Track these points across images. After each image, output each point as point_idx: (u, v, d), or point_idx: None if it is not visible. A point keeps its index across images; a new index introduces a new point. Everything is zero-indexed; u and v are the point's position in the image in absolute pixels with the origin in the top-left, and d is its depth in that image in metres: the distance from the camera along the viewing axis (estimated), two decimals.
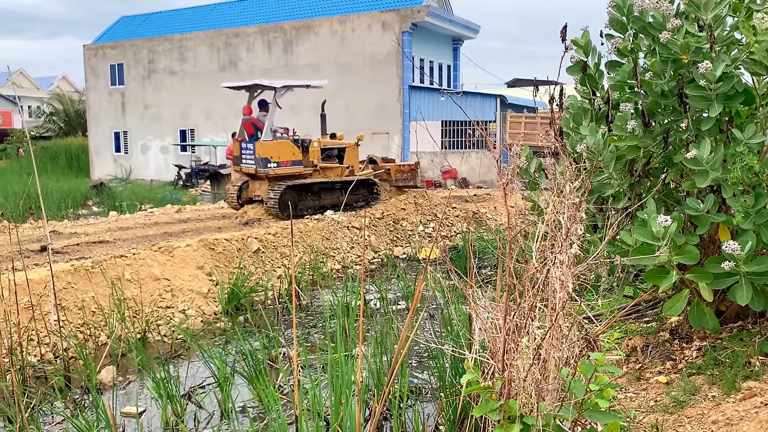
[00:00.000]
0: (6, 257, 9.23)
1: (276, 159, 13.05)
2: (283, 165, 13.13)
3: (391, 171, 15.93)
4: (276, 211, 12.89)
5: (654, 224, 3.45)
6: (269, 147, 13.03)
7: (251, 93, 13.95)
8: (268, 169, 12.99)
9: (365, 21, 26.11)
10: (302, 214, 13.46)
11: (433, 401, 5.51)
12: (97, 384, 6.29)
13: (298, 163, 13.39)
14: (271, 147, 13.05)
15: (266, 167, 12.96)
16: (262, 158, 12.95)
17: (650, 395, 3.85)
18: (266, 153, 12.97)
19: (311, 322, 8.50)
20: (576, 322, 2.80)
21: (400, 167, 16.23)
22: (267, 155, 12.97)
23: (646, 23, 3.93)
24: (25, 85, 58.28)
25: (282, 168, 13.14)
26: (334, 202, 14.02)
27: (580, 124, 4.31)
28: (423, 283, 3.12)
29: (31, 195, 17.65)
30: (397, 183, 15.94)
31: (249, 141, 13.23)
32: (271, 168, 13.00)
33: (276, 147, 13.12)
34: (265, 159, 12.94)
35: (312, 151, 13.85)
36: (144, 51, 31.90)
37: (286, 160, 13.17)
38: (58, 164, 34.85)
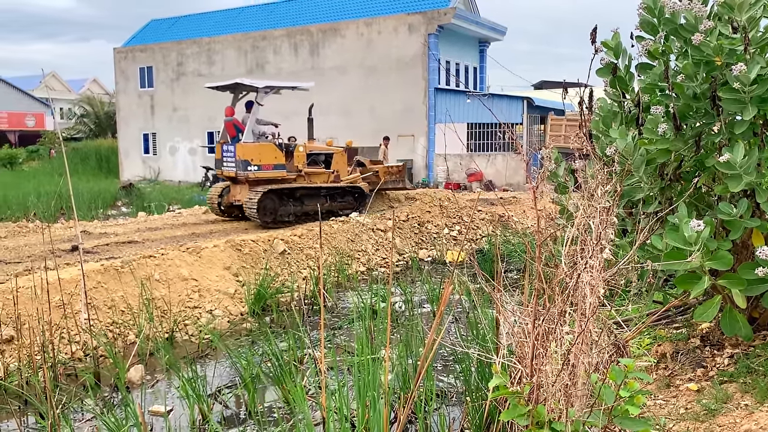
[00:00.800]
0: (39, 256, 9.41)
1: (257, 162, 12.53)
2: (264, 168, 12.60)
3: (379, 173, 15.41)
4: (255, 217, 12.25)
5: (686, 229, 3.39)
6: (250, 149, 12.55)
7: (235, 94, 13.57)
8: (248, 172, 12.46)
9: (391, 23, 26.14)
10: (283, 220, 12.83)
11: (458, 405, 5.49)
12: (125, 382, 6.38)
13: (281, 167, 12.86)
14: (251, 149, 12.57)
15: (246, 170, 12.44)
16: (242, 160, 12.44)
17: (680, 403, 3.79)
18: (247, 155, 12.48)
19: (336, 323, 8.53)
20: (606, 327, 2.76)
21: (388, 169, 15.73)
22: (247, 157, 12.47)
23: (677, 25, 3.87)
24: (57, 88, 59.46)
25: (263, 171, 12.60)
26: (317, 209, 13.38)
27: (609, 127, 4.26)
28: (450, 286, 3.11)
29: (63, 195, 17.99)
30: (386, 185, 15.42)
31: (231, 143, 12.80)
32: (251, 171, 12.47)
33: (257, 149, 12.61)
34: (245, 161, 12.43)
35: (297, 156, 13.27)
36: (173, 54, 32.32)
37: (267, 164, 12.64)
38: (89, 165, 35.45)
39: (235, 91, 13.52)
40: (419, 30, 25.41)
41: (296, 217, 13.09)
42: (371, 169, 15.36)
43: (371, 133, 26.00)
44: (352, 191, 14.23)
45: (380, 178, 15.34)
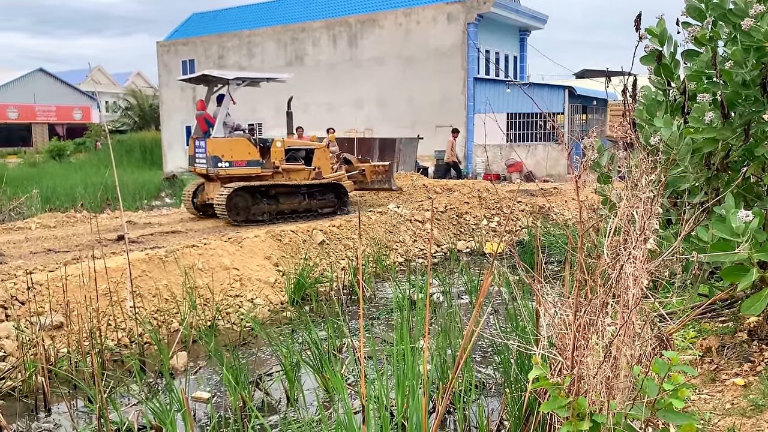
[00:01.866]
0: (86, 246, 9.69)
1: (228, 158, 11.76)
2: (236, 164, 11.84)
3: (366, 172, 14.72)
4: (225, 215, 11.54)
5: (733, 220, 3.31)
6: (220, 144, 11.82)
7: (209, 87, 12.81)
8: (218, 169, 11.72)
9: (430, 13, 25.99)
10: (256, 219, 12.05)
11: (497, 396, 5.47)
12: (170, 368, 6.53)
13: (255, 164, 12.06)
14: (222, 144, 11.83)
15: (216, 166, 11.72)
16: (213, 156, 11.70)
17: (726, 398, 3.71)
18: (217, 151, 11.74)
19: (374, 313, 8.57)
20: (649, 319, 2.72)
21: (375, 168, 14.89)
22: (218, 153, 11.73)
23: (726, 10, 3.77)
24: (103, 82, 60.94)
25: (235, 168, 11.84)
26: (294, 207, 12.65)
27: (654, 116, 4.17)
28: (490, 277, 3.10)
29: (109, 186, 18.47)
30: (373, 185, 14.80)
31: (202, 138, 12.11)
32: (222, 167, 11.74)
33: (228, 144, 11.86)
34: (215, 157, 11.70)
35: (274, 152, 12.43)
36: (214, 47, 32.77)
37: (240, 160, 11.86)
38: (133, 157, 36.30)
39: (207, 84, 12.82)
40: (458, 19, 25.21)
41: (270, 216, 12.31)
42: (357, 167, 14.60)
43: (409, 124, 25.95)
44: (334, 189, 13.26)
45: (367, 177, 14.69)
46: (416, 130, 23.94)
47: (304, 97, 29.79)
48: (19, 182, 21.23)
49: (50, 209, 16.74)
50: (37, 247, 9.86)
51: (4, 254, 9.24)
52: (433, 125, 25.70)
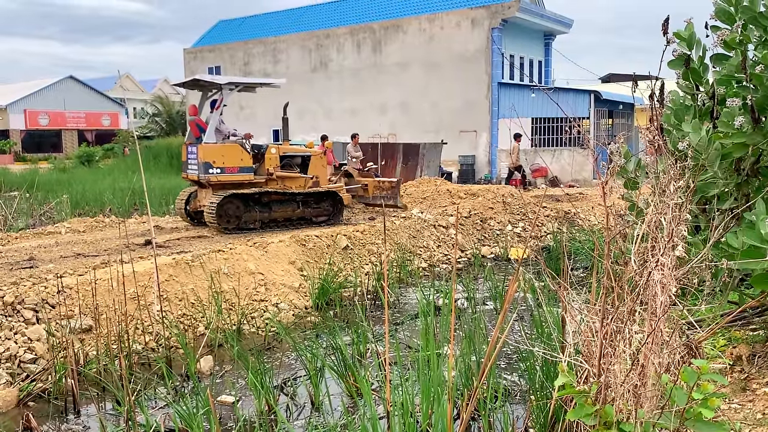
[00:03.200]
0: (114, 250, 9.84)
1: (219, 164, 11.48)
2: (228, 171, 11.55)
3: (368, 186, 14.29)
4: (215, 223, 11.32)
5: (763, 226, 3.25)
6: (212, 150, 11.51)
7: (203, 92, 12.58)
8: (210, 175, 11.44)
9: (454, 18, 25.99)
10: (248, 227, 11.79)
11: (522, 404, 5.43)
12: (196, 372, 6.60)
13: (248, 170, 11.76)
14: (214, 150, 11.52)
15: (207, 172, 11.43)
16: (204, 162, 11.42)
17: (757, 407, 3.64)
18: (209, 157, 11.44)
19: (398, 319, 8.57)
20: (677, 327, 2.69)
21: (379, 183, 14.43)
22: (209, 159, 11.43)
23: (756, 13, 3.71)
24: (131, 88, 61.95)
25: (227, 174, 11.55)
26: (288, 216, 12.31)
27: (682, 121, 4.12)
28: (515, 283, 3.09)
29: (136, 191, 18.73)
30: (375, 200, 14.25)
31: (195, 144, 11.81)
32: (213, 174, 11.45)
33: (220, 151, 11.56)
34: (206, 163, 11.42)
35: (268, 158, 12.15)
36: (240, 53, 33.13)
37: (231, 166, 11.58)
38: (160, 163, 36.72)
39: (201, 89, 12.60)
40: (482, 24, 25.16)
41: (263, 224, 12.01)
42: (359, 181, 14.31)
43: (433, 129, 25.95)
44: (330, 198, 12.84)
45: (368, 192, 14.31)
46: (440, 135, 23.93)
47: (329, 103, 29.97)
48: (50, 187, 21.63)
49: (79, 214, 17.02)
50: (67, 252, 10.04)
51: (35, 258, 9.43)
52: (456, 130, 25.67)
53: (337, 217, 12.89)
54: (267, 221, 12.08)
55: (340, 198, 12.83)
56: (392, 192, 14.25)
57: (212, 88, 12.27)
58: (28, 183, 21.18)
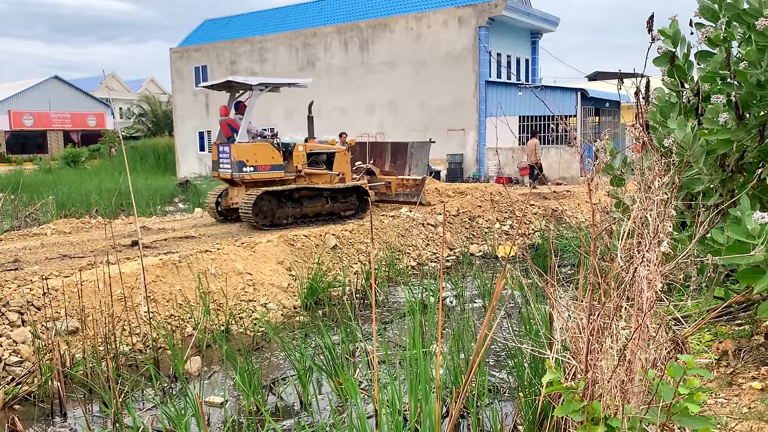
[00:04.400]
0: (101, 251, 9.77)
1: (252, 162, 11.92)
2: (260, 169, 11.99)
3: (392, 184, 14.61)
4: (251, 219, 11.67)
5: (749, 221, 3.27)
6: (245, 149, 11.93)
7: (231, 93, 12.99)
8: (243, 173, 11.87)
9: (441, 17, 26.00)
10: (281, 223, 12.19)
11: (511, 401, 5.45)
12: (184, 373, 6.57)
13: (278, 168, 12.23)
14: (247, 149, 11.94)
15: (241, 171, 11.86)
16: (238, 161, 11.85)
17: (743, 401, 3.66)
18: (242, 156, 11.87)
19: (387, 317, 8.57)
20: (664, 322, 2.70)
21: (403, 181, 14.73)
22: (242, 158, 11.86)
23: (740, 10, 3.73)
24: (117, 88, 61.48)
25: (259, 172, 11.98)
26: (317, 211, 12.78)
27: (667, 118, 4.14)
28: (503, 280, 3.09)
29: (123, 192, 18.61)
30: (398, 197, 14.59)
31: (226, 143, 12.22)
32: (247, 172, 11.88)
33: (253, 150, 11.99)
34: (240, 162, 11.84)
35: (296, 156, 12.64)
36: (226, 53, 32.96)
37: (264, 164, 12.02)
38: (147, 163, 36.53)
39: (230, 90, 12.98)
40: (469, 23, 25.20)
41: (295, 219, 12.46)
42: (382, 179, 14.66)
43: (421, 128, 25.96)
44: (355, 192, 13.40)
45: (391, 190, 14.62)
46: (428, 134, 23.94)
47: (317, 102, 29.83)
48: (35, 188, 21.44)
49: (65, 215, 16.88)
50: (53, 253, 9.95)
51: (20, 260, 9.34)
52: (445, 129, 25.69)
53: (363, 211, 13.42)
54: (299, 216, 12.52)
55: (365, 191, 13.38)
56: (416, 189, 14.63)
57: (243, 89, 12.64)
58: (12, 184, 20.98)
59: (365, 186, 13.49)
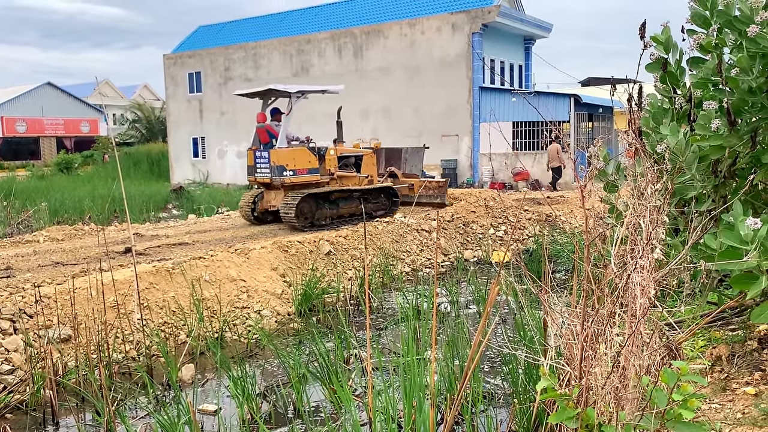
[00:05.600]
0: (94, 258, 9.72)
1: (292, 167, 12.50)
2: (299, 173, 12.61)
3: (414, 186, 15.29)
4: (293, 221, 12.20)
5: (741, 227, 3.28)
6: (285, 154, 12.48)
7: (264, 100, 13.48)
8: (284, 177, 12.43)
9: (435, 23, 26.08)
10: (320, 224, 12.81)
11: (505, 407, 5.44)
12: (177, 381, 6.53)
13: (315, 171, 12.87)
14: (286, 154, 12.50)
15: (282, 175, 12.42)
16: (278, 166, 12.39)
17: (737, 407, 3.67)
18: (282, 161, 12.42)
19: (381, 324, 8.55)
20: (657, 329, 2.70)
21: (426, 183, 15.54)
22: (282, 163, 12.41)
23: (731, 17, 3.75)
24: (110, 95, 61.33)
25: (298, 176, 12.60)
26: (352, 211, 13.50)
27: (660, 124, 4.16)
28: (497, 287, 3.09)
29: (116, 199, 18.54)
30: (420, 199, 15.29)
31: (263, 149, 12.73)
32: (287, 176, 12.46)
33: (292, 154, 12.57)
34: (280, 167, 12.40)
35: (328, 159, 13.26)
36: (220, 59, 32.95)
37: (302, 168, 12.65)
38: (140, 169, 36.44)
39: (264, 97, 13.42)
40: (463, 29, 25.27)
41: (332, 220, 13.07)
42: (404, 181, 15.32)
43: (415, 134, 25.98)
44: (385, 192, 14.24)
45: (414, 191, 15.22)
46: (422, 140, 23.95)
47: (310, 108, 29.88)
48: (28, 195, 21.34)
49: (58, 222, 16.81)
50: (45, 260, 9.90)
51: (12, 268, 9.28)
52: (439, 134, 25.72)
53: (392, 210, 14.26)
54: (336, 217, 13.23)
55: (395, 192, 14.25)
56: (439, 191, 15.37)
57: (282, 96, 13.14)
58: (5, 191, 20.87)
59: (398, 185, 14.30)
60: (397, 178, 15.26)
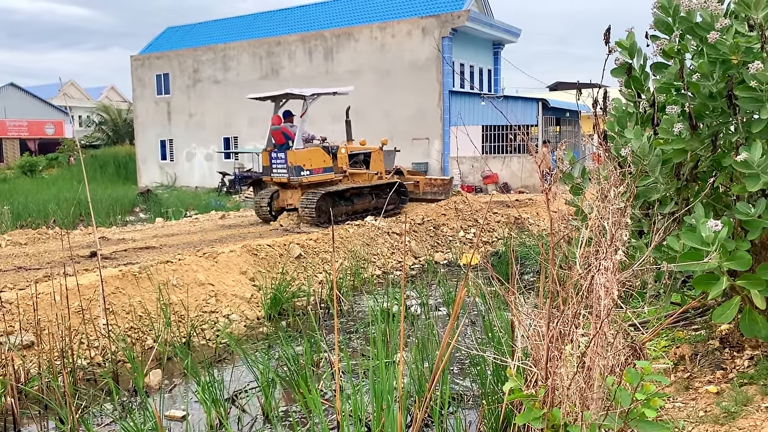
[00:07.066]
0: (58, 263, 9.52)
1: (308, 167, 13.09)
2: (315, 172, 13.20)
3: (419, 183, 15.96)
4: (312, 219, 12.79)
5: (703, 229, 3.35)
6: (301, 155, 13.06)
7: (277, 102, 13.97)
8: (301, 177, 13.00)
9: (405, 27, 26.16)
10: (337, 220, 13.41)
11: (474, 408, 5.47)
12: (144, 387, 6.43)
13: (329, 170, 13.50)
14: (303, 155, 13.09)
15: (299, 175, 12.99)
16: (295, 166, 12.96)
17: (699, 405, 3.74)
18: (299, 161, 13.00)
19: (352, 327, 8.53)
20: (621, 329, 2.74)
21: (430, 180, 16.26)
22: (299, 163, 13.00)
23: (693, 24, 3.84)
24: (76, 96, 60.19)
25: (314, 175, 13.19)
26: (365, 207, 14.14)
27: (624, 128, 4.23)
28: (464, 289, 3.10)
29: (82, 202, 18.20)
30: (425, 195, 15.90)
31: (279, 150, 13.24)
32: (304, 176, 13.04)
33: (308, 155, 13.15)
34: (298, 167, 12.97)
35: (341, 158, 13.94)
36: (189, 60, 32.60)
37: (317, 167, 13.24)
38: (107, 172, 35.84)
39: (277, 100, 13.94)
40: (433, 33, 25.40)
41: (348, 216, 13.67)
42: (410, 178, 15.95)
43: (386, 136, 26.01)
44: (396, 188, 14.66)
45: (419, 188, 15.90)
46: (393, 143, 23.99)
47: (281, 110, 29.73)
48: None
49: (21, 226, 16.43)
50: (7, 265, 9.67)
51: None
52: (409, 138, 25.79)
53: (402, 205, 14.86)
54: (351, 213, 13.85)
55: (404, 187, 14.82)
56: (444, 188, 16.03)
57: (298, 98, 13.60)
58: None
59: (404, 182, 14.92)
60: (403, 176, 15.85)
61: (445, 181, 16.19)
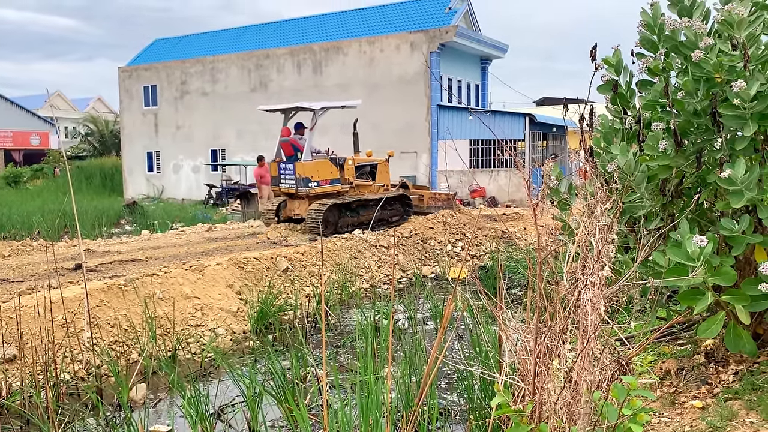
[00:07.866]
0: (42, 275, 9.42)
1: (316, 178, 13.38)
2: (322, 184, 13.47)
3: (424, 197, 16.30)
4: (319, 229, 12.99)
5: (688, 245, 3.39)
6: (309, 167, 13.35)
7: (286, 115, 14.28)
8: (309, 188, 13.29)
9: (393, 42, 26.33)
10: (342, 230, 13.61)
11: (462, 423, 5.45)
12: (128, 401, 6.35)
13: (336, 182, 13.75)
14: (311, 167, 13.37)
15: (307, 186, 13.28)
16: (303, 178, 13.26)
17: (685, 420, 3.76)
18: (307, 173, 13.30)
19: (340, 341, 8.50)
20: (608, 344, 2.75)
21: (435, 195, 16.68)
22: (308, 175, 13.29)
23: (677, 42, 3.90)
24: (62, 107, 59.91)
25: (322, 186, 13.45)
26: (371, 218, 14.34)
27: (611, 144, 4.27)
28: (452, 303, 3.11)
29: (67, 214, 18.05)
30: (429, 209, 16.18)
31: (288, 161, 13.54)
32: (312, 187, 13.32)
33: (315, 166, 13.44)
34: (306, 179, 13.26)
35: (347, 169, 14.20)
36: (177, 73, 32.58)
37: (325, 179, 13.51)
38: (93, 183, 35.62)
39: (287, 112, 14.26)
40: (421, 48, 25.59)
41: (353, 227, 13.87)
42: (415, 192, 16.29)
43: (375, 150, 26.08)
44: (399, 200, 15.03)
45: (424, 203, 16.21)
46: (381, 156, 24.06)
47: (269, 123, 29.74)
48: None
49: (5, 237, 16.26)
50: None
51: None
52: (398, 151, 25.87)
53: (407, 216, 15.13)
54: (357, 224, 14.07)
55: (408, 199, 15.13)
56: (448, 203, 16.41)
57: (307, 111, 13.85)
58: None
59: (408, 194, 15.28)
60: (408, 189, 16.19)
61: (448, 195, 16.66)
